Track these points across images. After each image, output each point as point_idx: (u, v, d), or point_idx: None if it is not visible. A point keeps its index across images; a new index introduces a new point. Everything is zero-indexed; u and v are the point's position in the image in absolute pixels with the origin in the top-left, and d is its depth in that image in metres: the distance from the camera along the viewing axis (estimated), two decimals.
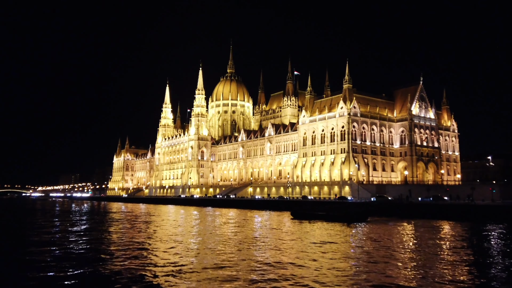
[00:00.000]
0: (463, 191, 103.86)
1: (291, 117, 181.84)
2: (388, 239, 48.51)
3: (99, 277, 29.58)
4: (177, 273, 30.19)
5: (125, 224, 72.49)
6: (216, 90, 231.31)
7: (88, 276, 30.28)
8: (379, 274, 29.50)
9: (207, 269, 31.40)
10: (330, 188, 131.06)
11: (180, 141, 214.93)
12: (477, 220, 71.20)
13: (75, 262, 34.83)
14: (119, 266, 32.69)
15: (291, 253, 38.23)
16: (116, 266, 32.74)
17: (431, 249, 41.36)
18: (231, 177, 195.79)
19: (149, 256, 37.44)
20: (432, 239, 49.25)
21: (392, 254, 38.30)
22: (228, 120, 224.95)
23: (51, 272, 30.70)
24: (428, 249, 41.66)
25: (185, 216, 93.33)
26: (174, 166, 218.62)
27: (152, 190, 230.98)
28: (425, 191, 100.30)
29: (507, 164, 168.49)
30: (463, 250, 40.90)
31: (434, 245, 44.33)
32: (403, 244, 44.74)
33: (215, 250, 40.30)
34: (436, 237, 51.88)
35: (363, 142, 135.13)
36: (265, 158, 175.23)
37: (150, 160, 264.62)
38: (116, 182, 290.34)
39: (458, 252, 39.55)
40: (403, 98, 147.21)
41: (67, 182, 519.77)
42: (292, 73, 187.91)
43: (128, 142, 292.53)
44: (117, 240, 50.31)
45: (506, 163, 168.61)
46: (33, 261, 35.31)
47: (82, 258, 37.71)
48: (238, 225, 68.84)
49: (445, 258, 36.73)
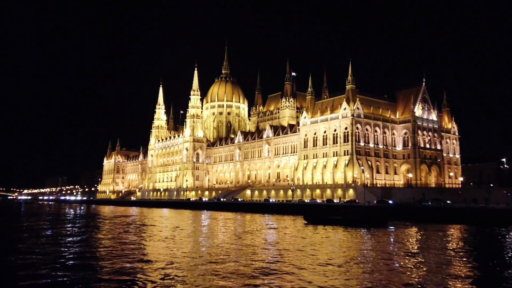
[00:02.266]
0: (474, 194, 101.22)
1: (289, 119, 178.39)
2: (436, 252, 44.27)
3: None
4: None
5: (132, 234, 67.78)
6: (211, 91, 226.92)
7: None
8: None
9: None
10: (333, 191, 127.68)
11: (175, 143, 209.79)
12: (502, 225, 68.28)
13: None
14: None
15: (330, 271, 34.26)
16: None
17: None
18: (227, 180, 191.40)
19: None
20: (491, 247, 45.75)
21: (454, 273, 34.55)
22: (223, 121, 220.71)
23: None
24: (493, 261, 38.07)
25: (194, 221, 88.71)
26: (168, 168, 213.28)
27: (145, 193, 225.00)
28: (438, 194, 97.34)
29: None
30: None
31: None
32: (459, 256, 40.54)
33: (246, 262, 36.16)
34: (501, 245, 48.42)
35: (366, 144, 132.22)
36: (263, 160, 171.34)
37: (142, 162, 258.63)
38: (107, 185, 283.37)
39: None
40: (405, 99, 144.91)
41: (54, 185, 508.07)
42: (290, 74, 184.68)
43: (119, 144, 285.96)
44: (126, 250, 45.79)
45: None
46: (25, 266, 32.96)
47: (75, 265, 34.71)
48: (248, 230, 64.62)
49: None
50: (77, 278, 29.70)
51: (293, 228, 67.65)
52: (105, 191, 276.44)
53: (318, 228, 66.28)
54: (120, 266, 33.89)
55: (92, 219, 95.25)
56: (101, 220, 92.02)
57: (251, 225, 75.31)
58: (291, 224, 75.68)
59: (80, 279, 29.32)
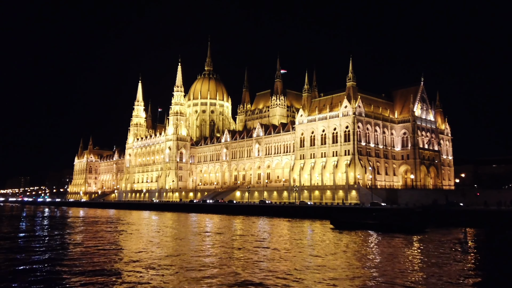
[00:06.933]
0: (485, 197, 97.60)
1: (280, 117, 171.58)
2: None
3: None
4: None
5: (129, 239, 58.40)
6: (193, 88, 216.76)
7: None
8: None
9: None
10: (334, 193, 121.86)
11: (156, 142, 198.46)
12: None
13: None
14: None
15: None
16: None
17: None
18: (213, 181, 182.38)
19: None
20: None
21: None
22: (206, 120, 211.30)
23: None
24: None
25: (197, 226, 79.77)
26: (148, 168, 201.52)
27: (122, 194, 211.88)
28: (460, 197, 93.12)
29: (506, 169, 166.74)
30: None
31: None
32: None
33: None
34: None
35: (367, 144, 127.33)
36: (253, 160, 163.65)
37: (117, 162, 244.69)
38: (78, 186, 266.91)
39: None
40: (403, 99, 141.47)
41: (16, 186, 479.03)
42: (280, 71, 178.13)
43: (91, 143, 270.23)
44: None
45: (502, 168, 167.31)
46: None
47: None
48: (276, 239, 56.90)
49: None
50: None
51: (323, 234, 60.49)
52: (78, 192, 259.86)
53: (352, 234, 59.51)
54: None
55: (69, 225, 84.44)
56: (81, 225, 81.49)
57: (266, 230, 67.46)
58: (316, 229, 68.51)
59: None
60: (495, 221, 69.24)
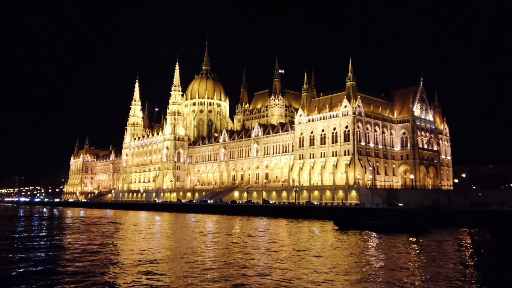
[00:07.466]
0: (486, 198, 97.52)
1: (278, 117, 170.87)
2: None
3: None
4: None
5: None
6: (191, 88, 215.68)
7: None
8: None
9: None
10: (334, 193, 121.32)
11: (153, 141, 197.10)
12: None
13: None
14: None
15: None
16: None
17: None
18: (211, 181, 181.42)
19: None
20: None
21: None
22: (204, 120, 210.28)
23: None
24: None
25: (200, 228, 78.89)
26: (145, 168, 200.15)
27: (118, 195, 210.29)
28: (463, 197, 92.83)
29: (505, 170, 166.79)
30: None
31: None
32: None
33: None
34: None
35: (367, 144, 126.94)
36: (251, 160, 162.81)
37: (114, 162, 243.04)
38: (74, 186, 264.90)
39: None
40: (402, 98, 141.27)
41: (11, 186, 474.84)
42: (278, 71, 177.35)
43: (87, 142, 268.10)
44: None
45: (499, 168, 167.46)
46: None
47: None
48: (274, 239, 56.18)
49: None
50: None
51: (330, 234, 59.85)
52: (74, 192, 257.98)
53: (356, 235, 58.93)
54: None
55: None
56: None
57: (271, 231, 66.75)
58: (319, 230, 67.88)
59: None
60: (503, 222, 68.65)
